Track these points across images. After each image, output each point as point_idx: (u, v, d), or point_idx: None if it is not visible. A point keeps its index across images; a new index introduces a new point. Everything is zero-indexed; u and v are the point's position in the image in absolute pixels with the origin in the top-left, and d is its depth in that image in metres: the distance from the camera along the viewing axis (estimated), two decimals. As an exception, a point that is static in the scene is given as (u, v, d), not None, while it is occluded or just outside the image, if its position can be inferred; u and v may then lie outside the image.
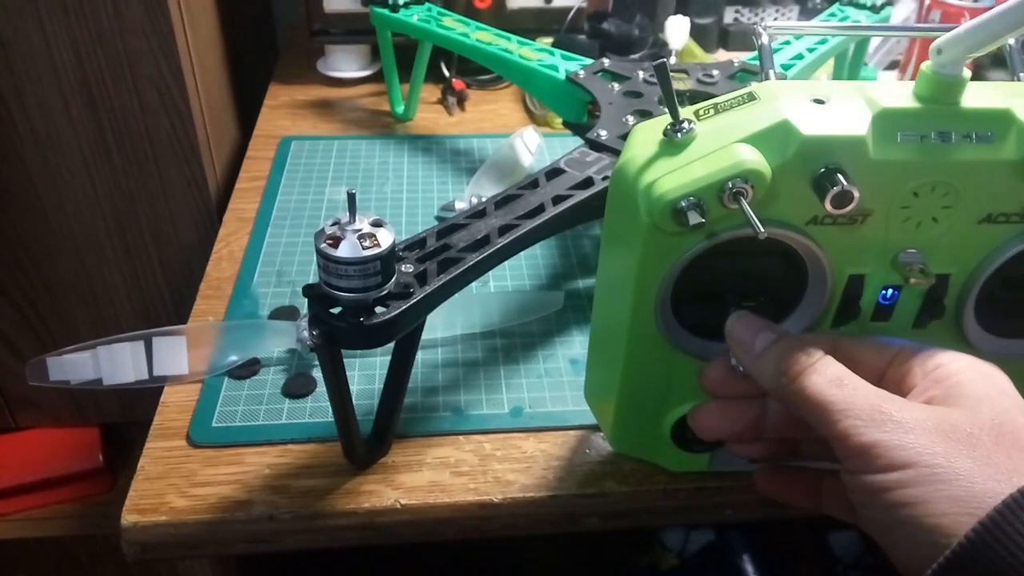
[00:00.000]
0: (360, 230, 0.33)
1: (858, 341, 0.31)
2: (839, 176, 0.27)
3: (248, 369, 0.45)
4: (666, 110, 0.29)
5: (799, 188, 0.29)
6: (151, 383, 0.43)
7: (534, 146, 0.65)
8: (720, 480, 0.39)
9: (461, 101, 0.79)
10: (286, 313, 0.50)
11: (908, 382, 0.29)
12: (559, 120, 0.74)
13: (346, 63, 0.82)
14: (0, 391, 0.77)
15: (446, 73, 0.81)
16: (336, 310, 0.34)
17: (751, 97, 0.30)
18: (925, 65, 0.29)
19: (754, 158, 0.28)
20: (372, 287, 0.33)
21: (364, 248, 0.32)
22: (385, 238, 0.33)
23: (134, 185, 0.67)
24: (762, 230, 0.27)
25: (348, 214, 0.33)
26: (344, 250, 0.32)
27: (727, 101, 0.30)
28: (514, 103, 0.81)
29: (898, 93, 0.29)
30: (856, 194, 0.27)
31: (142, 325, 0.75)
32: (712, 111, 0.30)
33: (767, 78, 0.33)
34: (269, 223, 0.59)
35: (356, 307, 0.34)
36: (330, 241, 0.32)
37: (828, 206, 0.28)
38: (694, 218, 0.27)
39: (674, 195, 0.28)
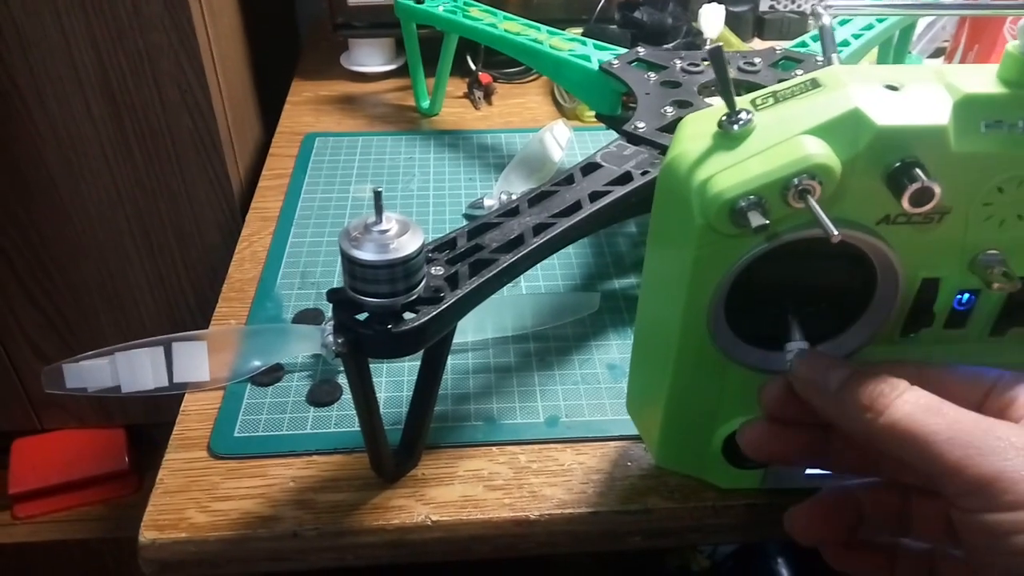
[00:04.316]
0: (387, 231, 0.31)
1: (947, 370, 0.28)
2: (917, 171, 0.25)
3: (271, 375, 0.44)
4: (708, 101, 0.27)
5: (871, 184, 0.26)
6: (171, 390, 0.41)
7: (564, 140, 0.62)
8: (772, 496, 0.37)
9: (488, 95, 0.77)
10: (311, 316, 0.48)
11: (1011, 415, 0.26)
12: (589, 113, 0.71)
13: (370, 57, 0.80)
14: (25, 393, 0.77)
15: (472, 66, 0.79)
16: (362, 316, 0.32)
17: (814, 84, 0.27)
18: (1012, 46, 0.26)
19: (822, 151, 0.25)
20: (400, 291, 0.31)
21: (391, 250, 0.30)
22: (413, 239, 0.31)
23: (156, 184, 0.66)
24: (835, 232, 0.24)
25: (374, 213, 0.31)
26: (370, 252, 0.30)
27: (787, 89, 0.28)
28: (543, 96, 0.78)
29: (981, 77, 0.26)
30: (937, 191, 0.25)
31: (167, 326, 0.74)
32: (771, 100, 0.27)
33: (830, 63, 0.30)
34: (293, 222, 0.57)
35: (383, 313, 0.31)
36: (355, 243, 0.30)
37: (905, 204, 0.25)
38: (756, 219, 0.24)
39: (732, 193, 0.25)
